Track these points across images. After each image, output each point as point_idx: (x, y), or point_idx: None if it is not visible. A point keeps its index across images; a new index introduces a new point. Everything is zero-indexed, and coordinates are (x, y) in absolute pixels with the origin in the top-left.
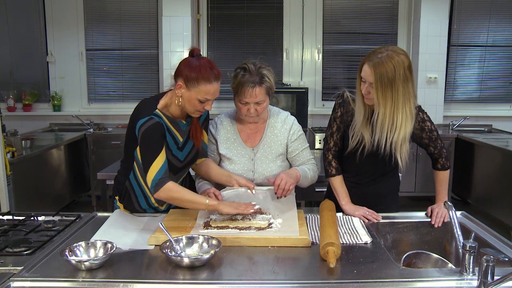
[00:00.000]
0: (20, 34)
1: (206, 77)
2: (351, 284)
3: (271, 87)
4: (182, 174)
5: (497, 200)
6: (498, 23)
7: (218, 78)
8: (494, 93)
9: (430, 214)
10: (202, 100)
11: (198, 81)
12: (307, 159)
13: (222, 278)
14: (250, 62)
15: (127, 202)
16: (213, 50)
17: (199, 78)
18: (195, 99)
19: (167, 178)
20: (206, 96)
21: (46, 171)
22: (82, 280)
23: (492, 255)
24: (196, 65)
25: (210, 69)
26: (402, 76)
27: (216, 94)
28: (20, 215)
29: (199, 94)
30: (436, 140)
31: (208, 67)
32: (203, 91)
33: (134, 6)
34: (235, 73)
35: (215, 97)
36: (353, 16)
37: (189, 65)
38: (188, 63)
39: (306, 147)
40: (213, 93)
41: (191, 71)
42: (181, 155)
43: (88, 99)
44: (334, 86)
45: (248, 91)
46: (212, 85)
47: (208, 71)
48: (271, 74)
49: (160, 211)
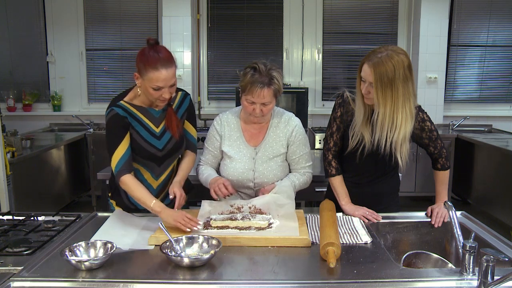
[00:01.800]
0: (20, 34)
1: (152, 65)
2: (351, 284)
3: (279, 90)
4: (167, 165)
5: (497, 200)
6: (498, 23)
7: (167, 64)
8: (494, 93)
9: (430, 214)
10: (155, 88)
11: (146, 69)
12: (301, 166)
13: (222, 278)
14: (260, 62)
15: (117, 198)
16: (213, 50)
17: (147, 66)
18: (148, 87)
19: (125, 171)
20: (157, 83)
21: (46, 171)
22: (82, 280)
23: (492, 255)
24: (146, 54)
25: (158, 57)
26: (402, 76)
27: (169, 81)
28: (20, 215)
29: (150, 82)
30: (436, 140)
31: (156, 56)
32: (153, 78)
33: (134, 6)
34: (244, 71)
35: (168, 84)
36: (353, 16)
37: (140, 54)
38: (140, 52)
39: (305, 153)
40: (163, 80)
41: (141, 60)
42: (159, 144)
43: (88, 99)
44: (334, 86)
45: (256, 91)
46: (160, 72)
47: (156, 59)
48: (280, 77)
49: None
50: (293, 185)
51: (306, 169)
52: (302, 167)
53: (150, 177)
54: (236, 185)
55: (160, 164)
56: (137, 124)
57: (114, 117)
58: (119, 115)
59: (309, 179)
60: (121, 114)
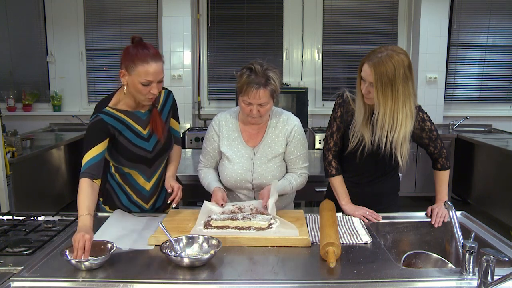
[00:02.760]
0: (20, 34)
1: (141, 58)
2: (351, 284)
3: (275, 90)
4: (158, 166)
5: (497, 200)
6: (498, 23)
7: (156, 58)
8: (494, 93)
9: (430, 214)
10: (144, 83)
11: (135, 63)
12: (298, 167)
13: (222, 278)
14: (257, 63)
15: (110, 202)
16: (213, 50)
17: (135, 60)
18: (137, 83)
19: (87, 174)
20: (147, 77)
21: (46, 171)
22: (82, 280)
23: (492, 255)
24: (132, 50)
25: (145, 50)
26: (402, 76)
27: (158, 75)
28: (20, 215)
29: (139, 76)
30: (436, 140)
31: (145, 51)
32: (142, 72)
33: (134, 6)
34: (241, 72)
35: (157, 78)
36: (353, 16)
37: (127, 51)
38: (126, 50)
39: (302, 153)
40: (153, 73)
41: (128, 56)
42: (148, 145)
43: (88, 99)
44: (334, 86)
45: (252, 92)
46: (150, 65)
47: (145, 53)
48: (277, 77)
49: (145, 209)
50: (290, 186)
51: (302, 169)
52: (299, 167)
53: (143, 180)
54: (234, 186)
55: (151, 166)
56: (124, 128)
57: (97, 122)
58: (103, 121)
59: (305, 180)
60: (106, 121)
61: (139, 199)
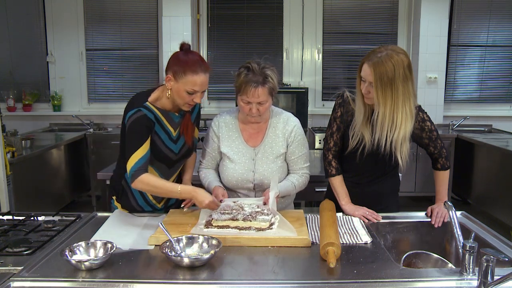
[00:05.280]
0: (20, 34)
1: (192, 68)
2: (351, 284)
3: (274, 88)
4: (177, 167)
5: (497, 200)
6: (498, 23)
7: (206, 70)
8: (494, 93)
9: (430, 214)
10: (190, 92)
11: (185, 72)
12: (300, 167)
13: (222, 278)
14: (254, 62)
15: (124, 201)
16: (213, 50)
17: (186, 69)
18: (183, 90)
19: (143, 170)
20: (194, 87)
21: (46, 171)
22: (82, 280)
23: (492, 255)
24: (183, 58)
25: (197, 61)
26: (402, 75)
27: (204, 86)
28: (20, 215)
29: (186, 85)
30: (436, 140)
31: (195, 60)
32: (190, 82)
33: (134, 6)
34: (238, 71)
35: (203, 89)
36: (353, 16)
37: (177, 58)
38: (176, 56)
39: (303, 153)
40: (200, 84)
41: (178, 63)
42: (176, 148)
43: (88, 99)
44: (334, 86)
45: (251, 91)
46: (199, 76)
47: (195, 63)
48: (275, 75)
49: (157, 209)
50: (293, 186)
51: (304, 170)
52: (300, 167)
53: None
54: (235, 186)
55: (171, 167)
56: (159, 127)
57: (141, 118)
58: (147, 117)
59: (307, 181)
60: (149, 117)
61: (154, 199)
